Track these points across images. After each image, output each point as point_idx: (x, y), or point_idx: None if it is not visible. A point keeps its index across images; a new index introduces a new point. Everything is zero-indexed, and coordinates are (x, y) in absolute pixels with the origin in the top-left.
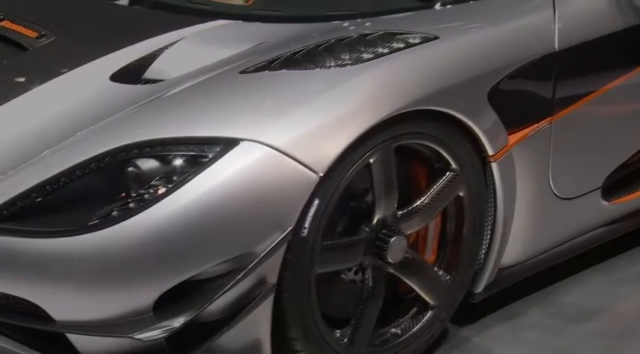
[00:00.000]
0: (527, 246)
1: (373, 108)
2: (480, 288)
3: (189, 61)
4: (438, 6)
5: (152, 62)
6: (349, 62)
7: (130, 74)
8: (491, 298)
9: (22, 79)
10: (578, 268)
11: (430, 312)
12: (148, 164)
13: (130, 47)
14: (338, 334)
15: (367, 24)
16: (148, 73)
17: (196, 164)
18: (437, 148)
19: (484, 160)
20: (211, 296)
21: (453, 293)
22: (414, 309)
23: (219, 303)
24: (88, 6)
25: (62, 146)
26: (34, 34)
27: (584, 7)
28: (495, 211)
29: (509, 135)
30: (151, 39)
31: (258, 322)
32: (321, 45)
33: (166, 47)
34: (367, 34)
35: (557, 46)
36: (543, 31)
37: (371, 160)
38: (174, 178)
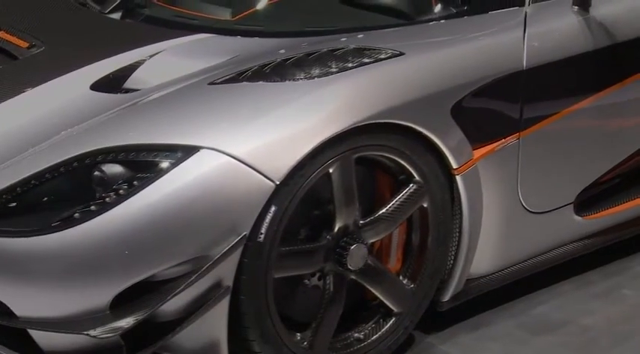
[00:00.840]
0: (496, 258)
1: (332, 120)
2: (446, 297)
3: (166, 72)
4: (414, 23)
5: (131, 73)
6: (313, 76)
7: (109, 84)
8: (461, 306)
9: (7, 87)
10: (552, 280)
11: (394, 319)
12: (113, 169)
13: (113, 58)
14: (298, 337)
15: (341, 39)
16: (126, 83)
17: (157, 170)
18: (399, 160)
19: (449, 173)
20: (165, 297)
21: (418, 301)
22: (378, 315)
23: (177, 303)
24: (79, 19)
25: (34, 150)
26: (25, 45)
27: (555, 28)
28: (461, 222)
29: (474, 149)
30: (134, 50)
31: (215, 323)
32: (289, 59)
33: (146, 59)
34: (336, 50)
35: (525, 65)
36: (511, 50)
37: (330, 170)
38: (135, 182)
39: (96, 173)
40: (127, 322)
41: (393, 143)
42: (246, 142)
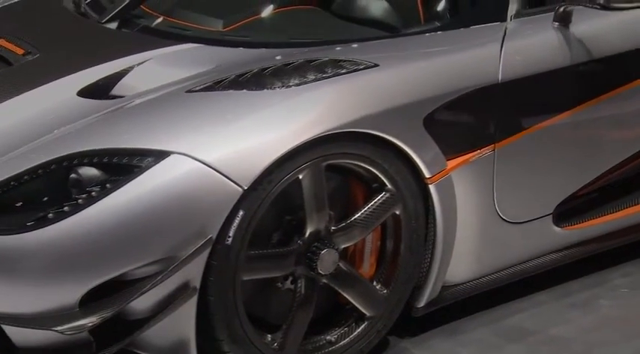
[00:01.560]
0: (473, 266)
1: (301, 128)
2: (421, 303)
3: (150, 80)
4: (399, 36)
5: (118, 80)
6: (287, 85)
7: (96, 90)
8: (438, 312)
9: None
10: (532, 289)
11: (366, 322)
12: (89, 172)
13: (103, 65)
14: (269, 339)
15: (320, 50)
16: (113, 90)
17: (128, 173)
18: (371, 169)
19: (422, 182)
20: (131, 296)
21: (391, 306)
22: (351, 319)
23: (146, 302)
24: (76, 28)
25: (15, 153)
26: (20, 52)
27: (533, 43)
28: (435, 230)
29: (448, 160)
30: (123, 58)
31: (183, 322)
32: (267, 69)
33: (133, 67)
34: (312, 60)
35: (500, 79)
36: (487, 64)
37: (300, 176)
38: (108, 185)
39: (72, 176)
40: (92, 319)
41: (365, 152)
42: (215, 148)
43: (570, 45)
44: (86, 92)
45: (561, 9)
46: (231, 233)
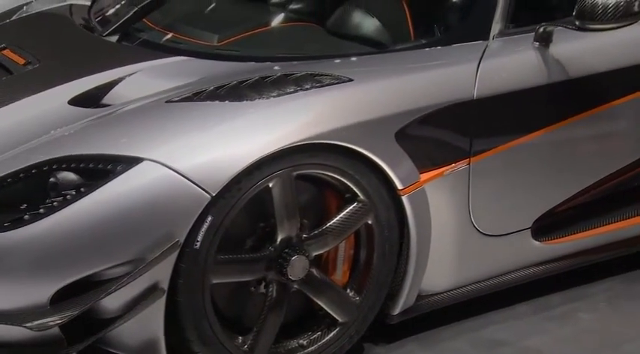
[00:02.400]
0: (451, 277)
1: (270, 139)
2: (396, 311)
3: (137, 90)
4: (384, 52)
5: (108, 90)
6: (261, 98)
7: (86, 99)
8: (415, 320)
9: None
10: (512, 301)
11: (338, 328)
12: (66, 176)
13: (96, 75)
14: (240, 341)
15: (301, 65)
16: (102, 99)
17: (102, 178)
18: (343, 180)
19: (395, 193)
20: (98, 296)
21: (363, 313)
22: (324, 324)
23: (116, 302)
24: (77, 40)
25: (1, 158)
26: (22, 61)
27: (511, 61)
28: (409, 240)
29: (421, 173)
30: (115, 69)
31: (152, 322)
32: (245, 81)
33: (124, 77)
34: (289, 74)
35: (475, 95)
36: (462, 81)
37: (270, 185)
38: (82, 189)
39: (51, 179)
40: (60, 317)
41: (336, 163)
42: (186, 156)
43: (548, 64)
44: (77, 101)
45: (541, 29)
46: (199, 238)
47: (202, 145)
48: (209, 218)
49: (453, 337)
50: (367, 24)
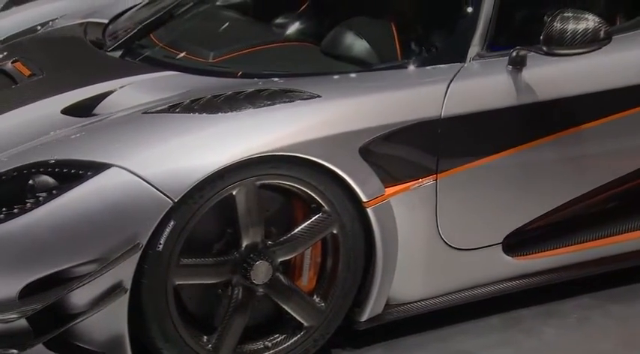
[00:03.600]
0: (419, 287)
1: (234, 149)
2: (363, 318)
3: (125, 102)
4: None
5: (99, 101)
6: (231, 111)
7: (77, 109)
8: (385, 327)
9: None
10: (486, 312)
11: (303, 332)
12: (42, 180)
13: (91, 87)
14: (205, 339)
15: (280, 81)
16: (92, 110)
17: (73, 182)
18: (306, 191)
19: (360, 205)
20: (60, 292)
21: (328, 318)
22: (289, 327)
23: (83, 298)
24: (82, 55)
25: None
26: (28, 73)
27: (482, 83)
28: (375, 251)
29: (386, 186)
30: (109, 82)
31: (116, 318)
32: (219, 96)
33: (115, 90)
34: (262, 90)
35: (442, 114)
36: (430, 100)
37: (234, 193)
38: (54, 191)
39: (30, 182)
40: (23, 311)
41: (300, 175)
42: (152, 164)
43: (517, 87)
44: (69, 110)
45: (514, 53)
46: (162, 241)
47: (169, 154)
48: (172, 222)
49: (421, 345)
50: (357, 45)
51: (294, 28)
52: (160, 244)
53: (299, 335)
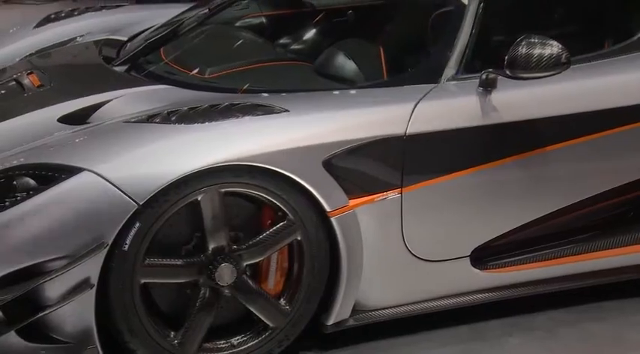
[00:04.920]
0: (386, 295)
1: (197, 158)
2: (329, 321)
3: (116, 112)
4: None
5: (93, 111)
6: (203, 122)
7: (72, 118)
8: (354, 331)
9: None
10: (457, 322)
11: (268, 332)
12: (24, 181)
13: (88, 97)
14: (172, 335)
15: (261, 96)
16: (86, 118)
17: (49, 184)
18: (270, 199)
19: (325, 214)
20: (28, 286)
21: (292, 321)
22: (256, 327)
23: (54, 291)
24: (90, 69)
25: None
26: (37, 84)
27: (449, 103)
28: (339, 258)
29: (350, 198)
30: (105, 93)
31: (85, 311)
32: (194, 108)
33: (110, 100)
34: (236, 104)
35: (406, 132)
36: (396, 118)
37: (198, 199)
38: (31, 192)
39: (14, 183)
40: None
41: (263, 184)
42: (121, 169)
43: (484, 108)
44: (64, 119)
45: (484, 76)
46: (127, 241)
47: (138, 161)
48: (137, 224)
49: (386, 350)
50: (344, 65)
51: (293, 48)
52: (126, 244)
53: (264, 336)
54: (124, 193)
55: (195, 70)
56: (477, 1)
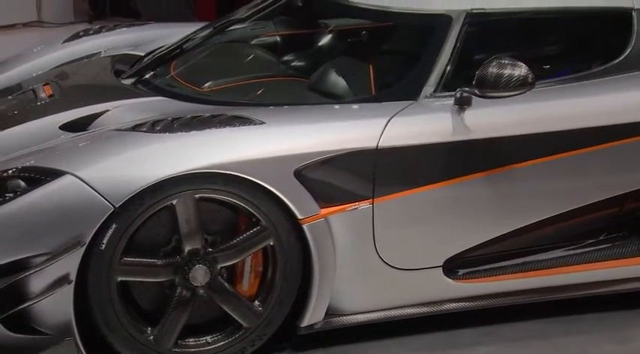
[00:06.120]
0: (358, 300)
1: (173, 165)
2: (303, 323)
3: (112, 121)
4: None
5: (93, 119)
6: (182, 131)
7: (72, 125)
8: (329, 334)
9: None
10: (429, 328)
11: (241, 332)
12: (16, 183)
13: (89, 107)
14: (149, 331)
15: (240, 109)
16: (87, 127)
17: (34, 186)
18: (244, 205)
19: (297, 221)
20: (7, 281)
21: (265, 322)
22: (231, 326)
23: (36, 286)
24: (99, 81)
25: None
26: (49, 93)
27: (423, 119)
28: (312, 264)
29: (322, 207)
30: (105, 103)
31: (62, 305)
32: (177, 119)
33: (108, 110)
34: (217, 115)
35: (378, 145)
36: (368, 132)
37: (174, 203)
38: (18, 192)
39: (7, 184)
40: None
41: (236, 190)
42: (100, 173)
43: (455, 125)
44: (65, 126)
45: (458, 94)
46: (104, 241)
47: (117, 166)
48: (114, 225)
49: (358, 352)
50: (336, 82)
51: (294, 64)
52: (103, 243)
53: (237, 335)
54: (102, 196)
55: (195, 84)
56: (461, 23)
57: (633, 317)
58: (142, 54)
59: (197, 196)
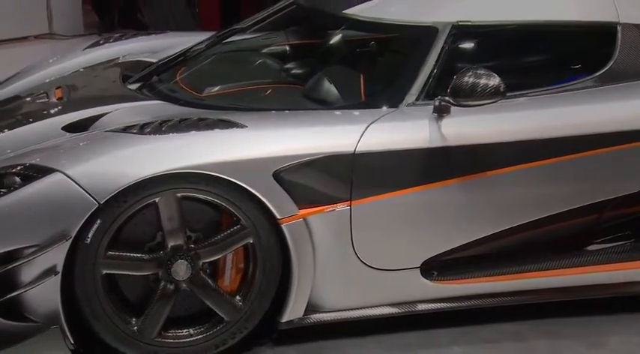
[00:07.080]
0: (337, 298)
1: (155, 165)
2: (283, 319)
3: (110, 123)
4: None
5: (93, 121)
6: (168, 133)
7: (74, 126)
8: (308, 332)
9: (29, 120)
10: (406, 327)
11: (223, 325)
12: (12, 179)
13: (91, 109)
14: (133, 322)
15: (235, 113)
16: (87, 128)
17: (26, 182)
18: (224, 205)
19: (275, 221)
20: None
21: (245, 316)
22: (213, 319)
23: (25, 276)
24: (105, 85)
25: None
26: (59, 96)
27: (400, 127)
28: (290, 262)
29: (300, 208)
30: (106, 106)
31: (50, 295)
32: (165, 122)
33: (108, 112)
34: (203, 119)
35: (355, 150)
36: (347, 136)
37: (156, 201)
38: (12, 188)
39: (4, 180)
40: None
41: (216, 190)
42: (87, 171)
43: (432, 132)
44: (68, 127)
45: (437, 102)
46: (89, 235)
47: (104, 165)
48: (98, 221)
49: (332, 349)
50: (327, 89)
51: (294, 72)
52: (88, 238)
53: (219, 327)
54: (87, 193)
55: (196, 90)
56: (446, 34)
57: (606, 322)
58: (155, 61)
59: (179, 195)
